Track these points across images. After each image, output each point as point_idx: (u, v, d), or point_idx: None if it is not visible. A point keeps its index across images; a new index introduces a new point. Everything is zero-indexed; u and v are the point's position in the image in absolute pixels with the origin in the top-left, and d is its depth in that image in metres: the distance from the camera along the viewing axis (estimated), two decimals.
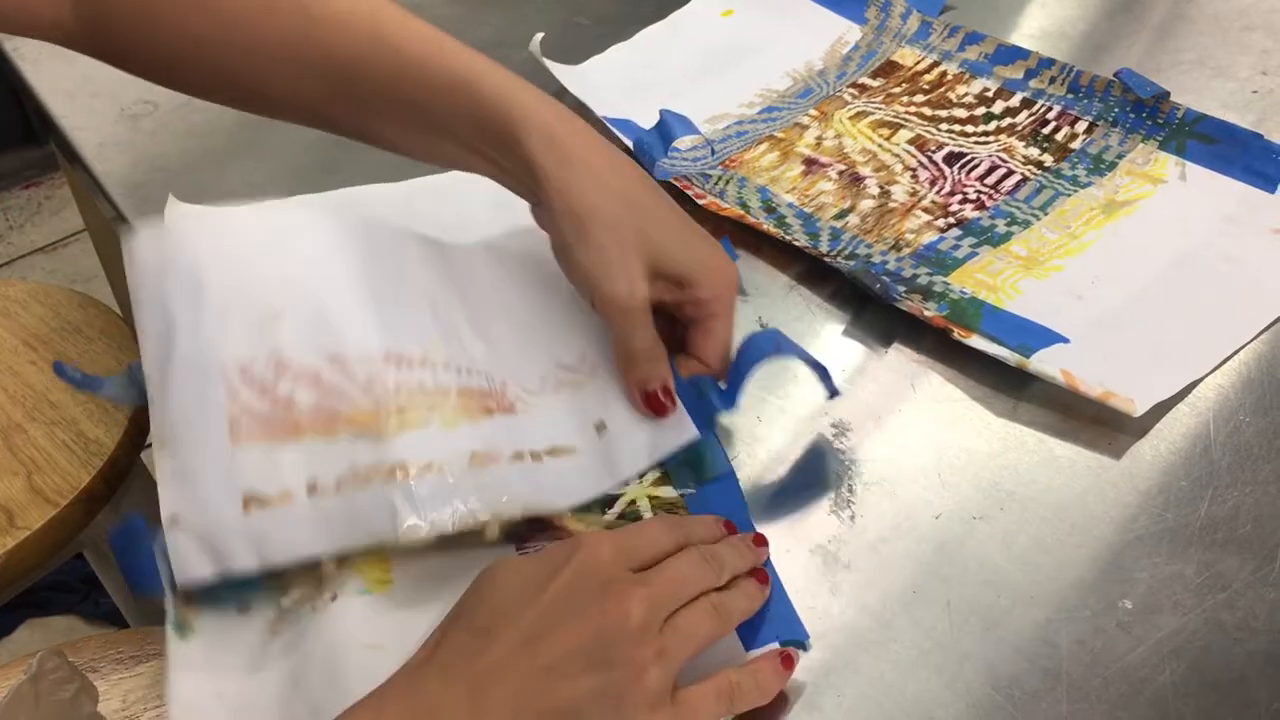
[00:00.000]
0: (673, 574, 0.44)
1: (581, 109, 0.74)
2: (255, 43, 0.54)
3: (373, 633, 0.46)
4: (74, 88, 0.81)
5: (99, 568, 1.02)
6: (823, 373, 0.55)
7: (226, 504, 0.47)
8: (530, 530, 0.51)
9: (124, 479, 0.83)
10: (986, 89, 0.76)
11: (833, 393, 0.55)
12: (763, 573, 0.48)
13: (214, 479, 0.47)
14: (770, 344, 0.54)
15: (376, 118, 0.56)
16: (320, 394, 0.49)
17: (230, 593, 0.48)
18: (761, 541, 0.49)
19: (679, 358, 0.55)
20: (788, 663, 0.45)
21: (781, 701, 0.45)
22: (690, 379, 0.55)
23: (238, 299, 0.51)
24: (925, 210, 0.67)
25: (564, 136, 0.53)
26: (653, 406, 0.54)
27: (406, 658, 0.42)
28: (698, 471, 0.53)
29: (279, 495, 0.47)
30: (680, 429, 0.54)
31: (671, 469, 0.54)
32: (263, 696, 0.46)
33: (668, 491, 0.53)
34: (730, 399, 0.54)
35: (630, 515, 0.52)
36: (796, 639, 0.46)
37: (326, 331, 0.51)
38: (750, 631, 0.46)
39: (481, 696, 0.39)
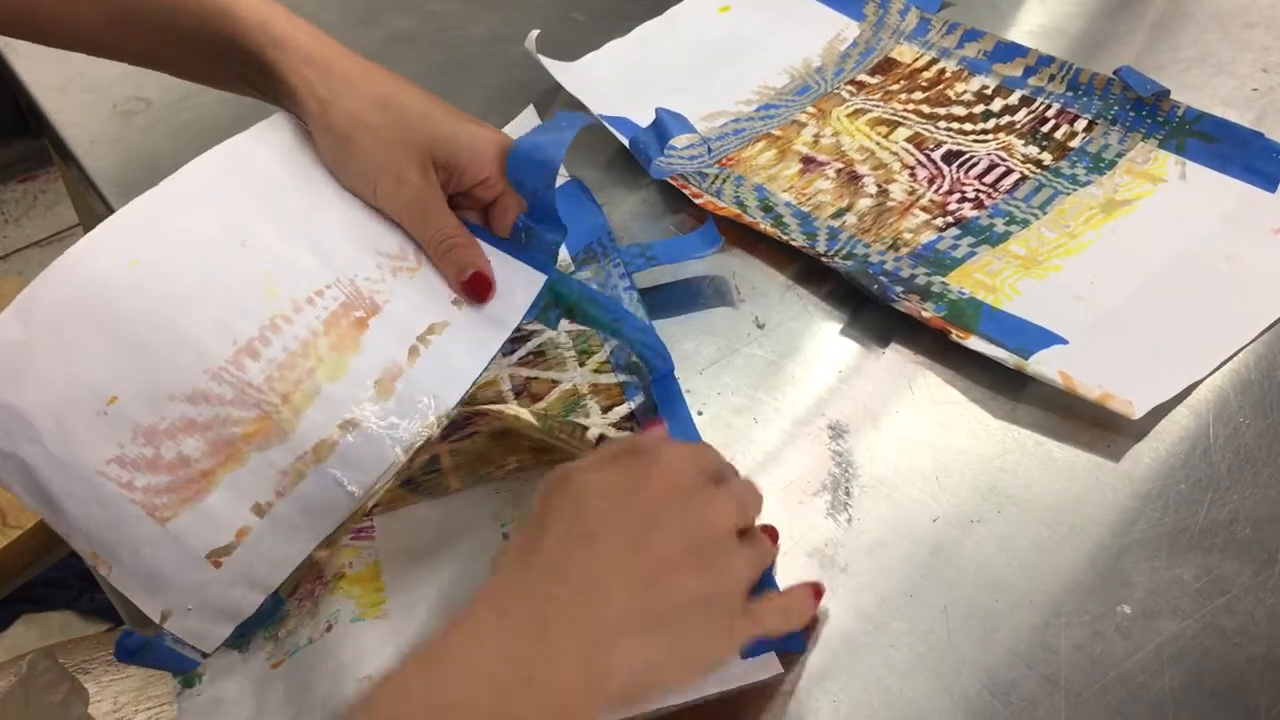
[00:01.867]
0: (741, 487, 0.46)
1: (577, 107, 0.74)
2: None
3: (368, 663, 0.46)
4: (66, 83, 0.80)
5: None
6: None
7: (197, 572, 0.47)
8: (464, 419, 0.53)
9: None
10: (985, 86, 0.75)
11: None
12: (772, 529, 0.49)
13: (171, 562, 0.47)
14: (544, 149, 0.55)
15: (153, 45, 0.57)
16: (204, 433, 0.47)
17: (231, 638, 0.48)
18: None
19: None
20: (817, 594, 0.47)
21: (778, 706, 0.45)
22: (514, 231, 0.57)
23: (58, 405, 0.47)
24: (923, 209, 0.66)
25: (319, 56, 0.53)
26: (473, 291, 0.54)
27: None
28: (575, 311, 0.57)
29: (237, 534, 0.47)
30: (529, 279, 0.56)
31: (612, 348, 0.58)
32: None
33: (609, 379, 0.57)
34: (552, 222, 0.56)
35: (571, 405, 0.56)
36: (792, 648, 0.46)
37: (165, 375, 0.48)
38: None
39: (598, 592, 0.40)
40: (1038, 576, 0.49)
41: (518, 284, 0.56)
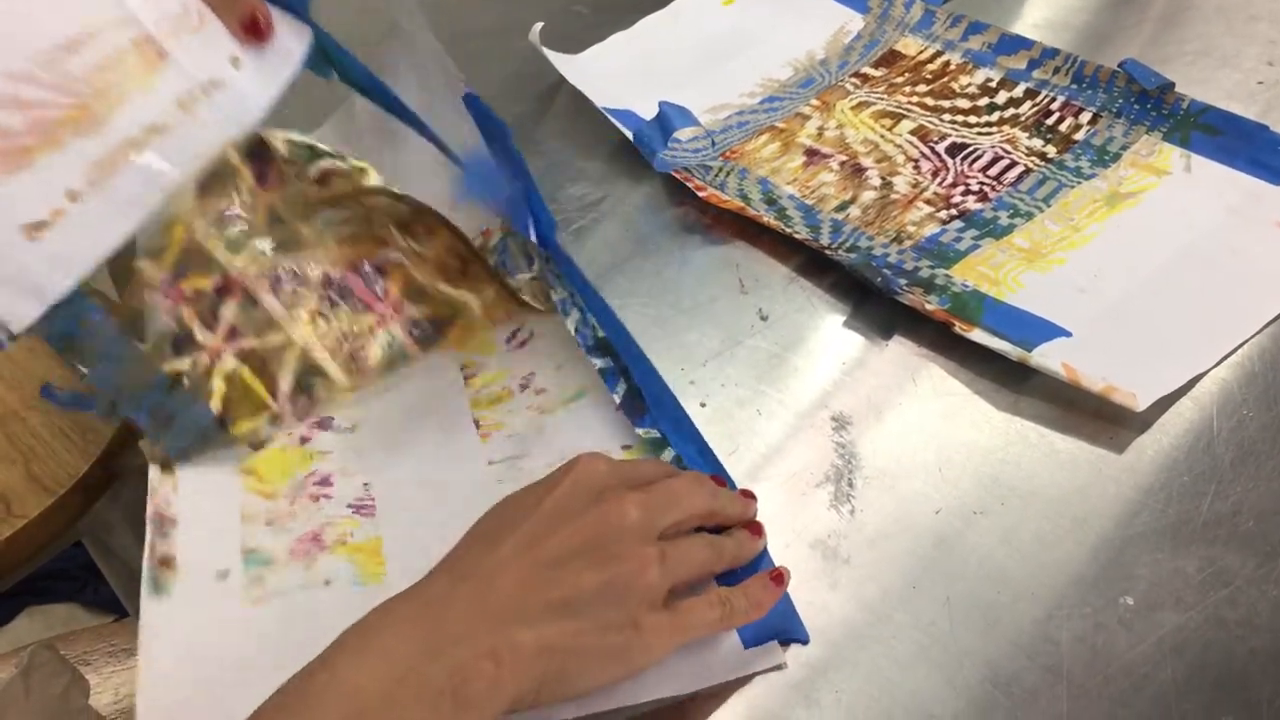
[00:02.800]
0: (666, 488, 0.46)
1: (580, 98, 0.74)
2: None
3: None
4: None
5: (98, 556, 1.01)
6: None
7: (12, 239, 0.48)
8: (261, 164, 0.55)
9: (122, 467, 0.83)
10: (990, 79, 0.75)
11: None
12: (757, 524, 0.49)
13: None
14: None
15: None
16: (26, 111, 0.49)
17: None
18: (749, 495, 0.50)
19: None
20: (778, 580, 0.47)
21: (780, 696, 0.45)
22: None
23: None
24: (927, 202, 0.66)
25: None
26: (253, 33, 0.56)
27: None
28: (335, 65, 0.59)
29: (51, 215, 0.49)
30: (299, 32, 0.58)
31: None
32: (236, 664, 0.46)
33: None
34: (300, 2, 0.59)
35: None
36: (796, 638, 0.46)
37: None
38: (749, 628, 0.46)
39: (488, 588, 0.41)
40: (1040, 568, 0.49)
41: (289, 37, 0.58)
